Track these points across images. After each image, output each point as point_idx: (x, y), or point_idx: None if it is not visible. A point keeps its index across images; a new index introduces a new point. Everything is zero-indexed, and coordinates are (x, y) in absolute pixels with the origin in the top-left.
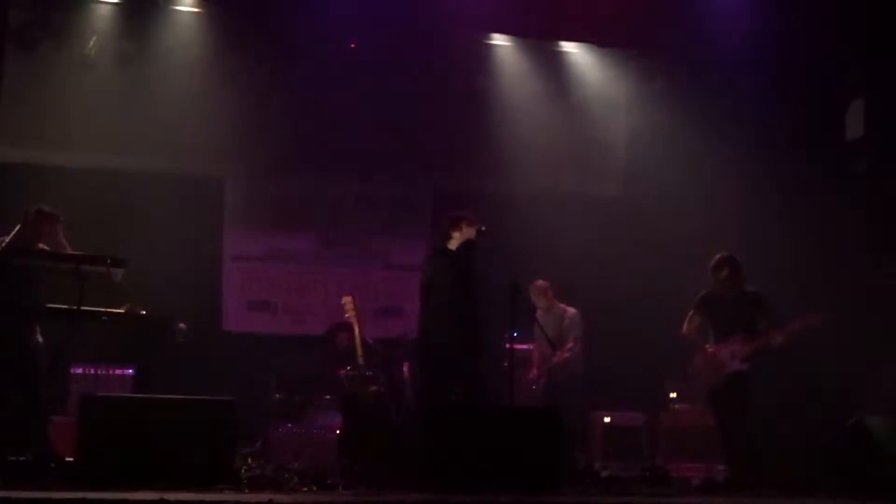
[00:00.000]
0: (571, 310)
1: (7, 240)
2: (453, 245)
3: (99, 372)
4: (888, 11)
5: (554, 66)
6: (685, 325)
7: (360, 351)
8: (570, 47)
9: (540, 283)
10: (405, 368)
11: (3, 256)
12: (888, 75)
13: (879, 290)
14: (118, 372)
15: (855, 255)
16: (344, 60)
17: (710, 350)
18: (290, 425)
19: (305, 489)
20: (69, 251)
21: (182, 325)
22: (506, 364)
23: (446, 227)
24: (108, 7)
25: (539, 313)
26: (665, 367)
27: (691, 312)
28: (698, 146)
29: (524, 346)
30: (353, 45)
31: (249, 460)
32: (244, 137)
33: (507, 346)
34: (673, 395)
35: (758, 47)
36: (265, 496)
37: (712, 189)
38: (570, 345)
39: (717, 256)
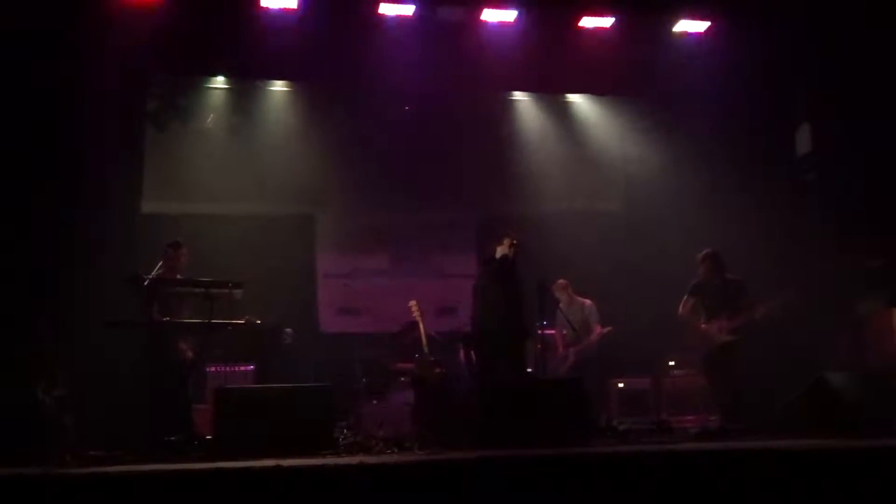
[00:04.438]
0: (588, 301)
1: (154, 273)
2: (498, 255)
3: (227, 369)
4: (823, 53)
5: (563, 113)
6: (680, 308)
7: (425, 342)
8: (573, 98)
9: (561, 281)
10: (461, 353)
11: (155, 286)
12: (826, 104)
13: (833, 275)
14: (242, 368)
15: (813, 246)
16: (402, 120)
17: (702, 326)
18: (374, 402)
19: (389, 452)
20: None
21: (288, 330)
22: (539, 346)
23: (493, 242)
24: (221, 91)
25: (562, 306)
26: (664, 341)
27: (685, 297)
28: (681, 167)
29: (549, 332)
30: (407, 108)
31: (345, 431)
32: (328, 183)
33: (538, 331)
34: (671, 363)
35: (723, 84)
36: (357, 458)
37: (694, 199)
38: (598, 330)
39: (703, 252)
